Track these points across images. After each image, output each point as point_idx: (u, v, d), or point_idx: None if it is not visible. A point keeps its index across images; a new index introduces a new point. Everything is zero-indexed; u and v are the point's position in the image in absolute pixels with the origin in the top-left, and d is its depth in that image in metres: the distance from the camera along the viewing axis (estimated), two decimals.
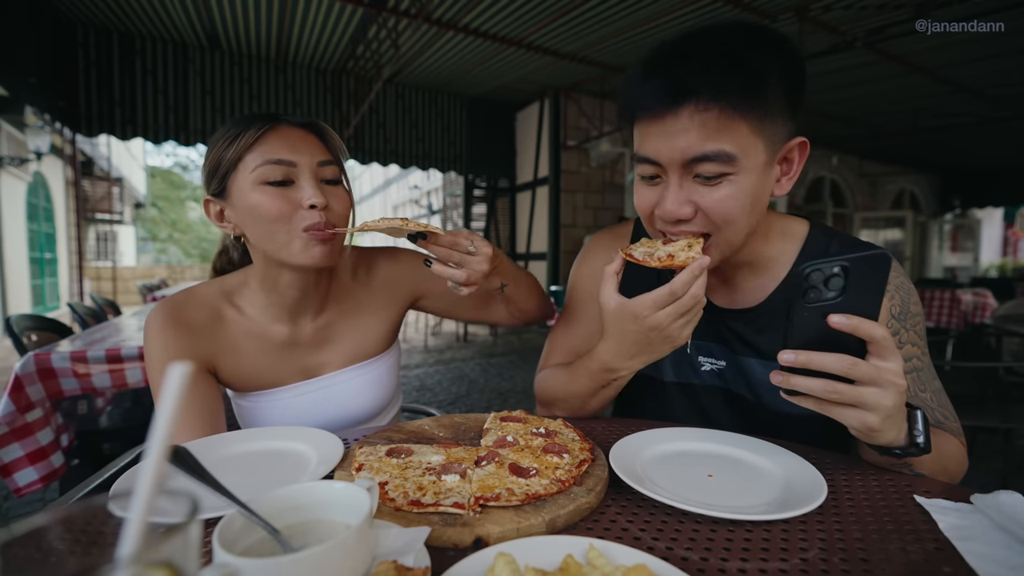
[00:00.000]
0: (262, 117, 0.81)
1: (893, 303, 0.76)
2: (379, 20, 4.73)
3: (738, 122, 0.65)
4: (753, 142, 0.67)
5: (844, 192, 10.67)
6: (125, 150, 13.14)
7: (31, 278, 8.36)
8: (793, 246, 0.82)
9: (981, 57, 5.40)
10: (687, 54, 0.67)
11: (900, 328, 0.76)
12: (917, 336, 0.77)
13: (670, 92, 0.66)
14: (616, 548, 0.44)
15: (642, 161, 0.71)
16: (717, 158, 0.65)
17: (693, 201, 0.68)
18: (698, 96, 0.64)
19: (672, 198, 0.69)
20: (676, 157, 0.67)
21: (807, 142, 0.73)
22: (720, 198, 0.67)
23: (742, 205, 0.68)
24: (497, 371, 5.19)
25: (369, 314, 0.98)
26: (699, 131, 0.65)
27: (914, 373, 0.75)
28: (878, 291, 0.66)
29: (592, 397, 0.84)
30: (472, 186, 8.34)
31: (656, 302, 0.67)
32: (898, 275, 0.78)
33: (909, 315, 0.77)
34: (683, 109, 0.65)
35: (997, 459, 2.83)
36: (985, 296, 4.95)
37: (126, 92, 5.36)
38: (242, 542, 0.41)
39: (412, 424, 0.82)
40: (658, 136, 0.68)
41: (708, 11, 4.49)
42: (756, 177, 0.68)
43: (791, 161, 0.74)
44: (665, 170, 0.69)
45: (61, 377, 1.66)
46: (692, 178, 0.68)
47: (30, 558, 0.28)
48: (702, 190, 0.68)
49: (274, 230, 0.78)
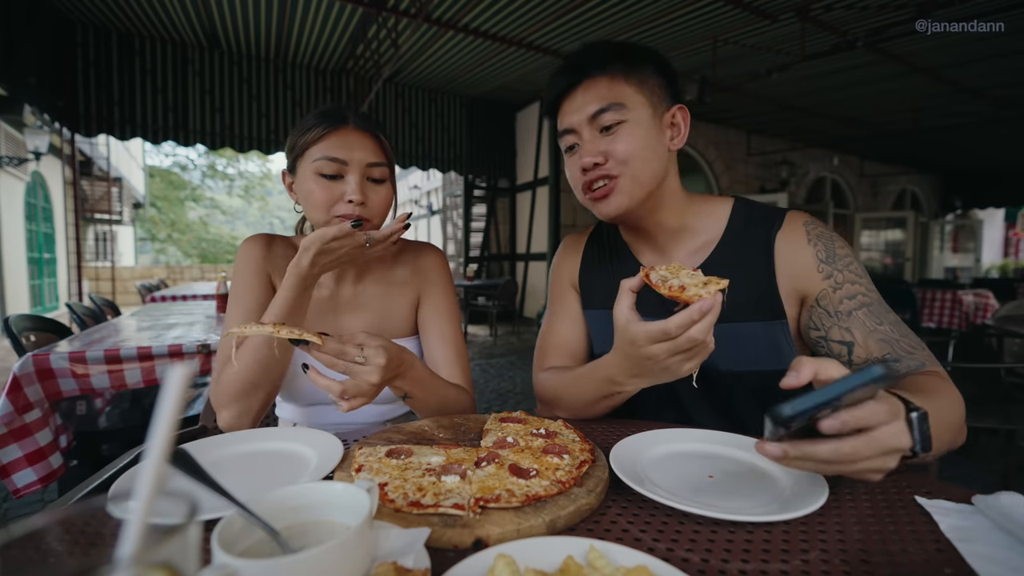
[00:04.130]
0: (333, 115, 0.92)
1: (817, 249, 0.84)
2: (379, 20, 4.73)
3: (622, 84, 0.85)
4: (637, 98, 0.85)
5: (845, 192, 10.68)
6: (124, 150, 13.13)
7: (30, 278, 8.36)
8: (720, 217, 0.94)
9: (982, 57, 5.41)
10: (580, 54, 0.89)
11: (832, 270, 0.82)
12: (855, 274, 0.82)
13: (572, 74, 0.87)
14: (617, 549, 0.44)
15: (563, 134, 0.89)
16: (610, 108, 0.84)
17: (602, 150, 0.85)
18: (591, 73, 0.86)
19: (587, 149, 0.86)
20: (583, 117, 0.86)
21: (686, 107, 0.90)
22: (622, 142, 0.84)
23: (640, 147, 0.84)
24: (497, 372, 5.19)
25: (398, 293, 1.06)
26: (595, 94, 0.85)
27: (863, 309, 0.79)
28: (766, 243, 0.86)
29: (596, 404, 0.84)
30: (472, 186, 8.34)
31: (649, 336, 0.65)
32: (814, 226, 0.87)
33: (837, 257, 0.83)
34: (584, 84, 0.86)
35: (998, 460, 2.83)
36: (986, 297, 4.94)
37: (125, 92, 5.35)
38: (241, 543, 0.40)
39: (412, 425, 0.82)
40: (569, 110, 0.88)
41: (708, 11, 4.49)
42: (646, 128, 0.85)
43: (677, 125, 0.90)
44: (579, 134, 0.87)
45: (60, 378, 1.66)
46: (599, 132, 0.86)
47: (29, 559, 0.28)
48: (606, 140, 0.85)
49: (317, 213, 0.91)
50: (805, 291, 0.84)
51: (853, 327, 0.79)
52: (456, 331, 1.06)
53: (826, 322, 0.81)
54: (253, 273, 0.96)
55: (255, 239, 1.00)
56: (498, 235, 8.46)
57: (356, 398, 0.73)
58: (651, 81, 0.86)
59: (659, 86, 0.87)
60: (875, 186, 11.22)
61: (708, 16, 4.59)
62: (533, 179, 7.55)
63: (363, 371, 0.72)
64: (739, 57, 5.45)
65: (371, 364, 0.72)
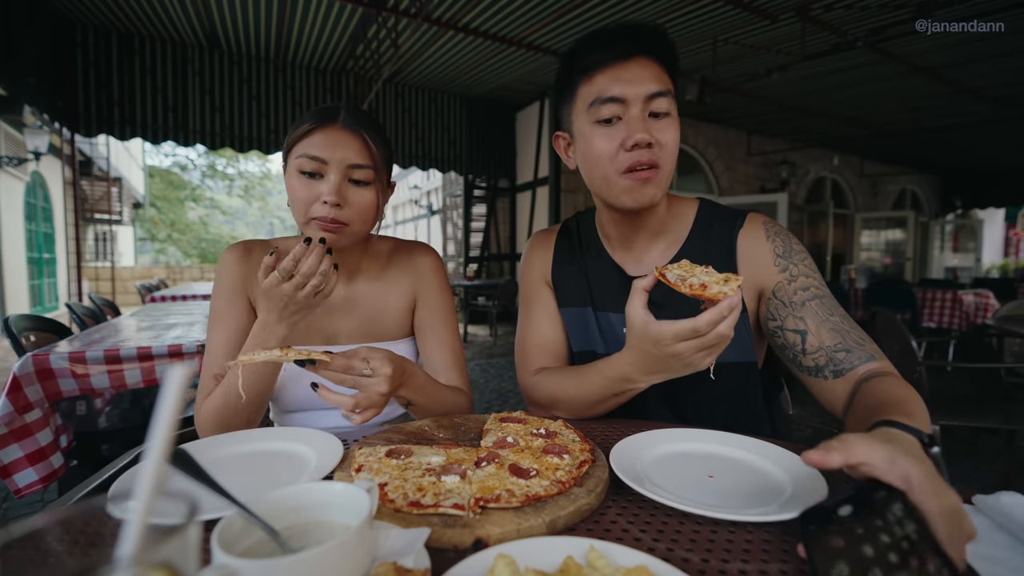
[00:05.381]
0: (324, 113, 0.90)
1: (775, 245, 0.88)
2: (379, 20, 4.72)
3: (667, 79, 0.85)
4: (672, 96, 0.85)
5: (845, 192, 10.67)
6: (124, 150, 13.13)
7: (29, 278, 8.36)
8: (687, 218, 0.96)
9: (982, 57, 5.41)
10: (633, 27, 0.86)
11: (788, 264, 0.86)
12: (809, 269, 0.87)
13: (631, 44, 0.83)
14: (617, 549, 0.44)
15: (606, 101, 0.83)
16: (666, 94, 0.83)
17: (654, 135, 0.82)
18: (647, 52, 0.83)
19: (639, 126, 0.82)
20: (641, 92, 0.82)
21: None
22: (669, 133, 0.84)
23: (675, 144, 0.85)
24: (497, 371, 5.19)
25: (392, 295, 1.04)
26: (652, 75, 0.83)
27: (816, 300, 0.83)
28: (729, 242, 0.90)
29: (603, 402, 0.85)
30: (472, 186, 8.33)
31: (678, 335, 0.66)
32: (772, 225, 0.91)
33: (793, 252, 0.87)
34: (638, 59, 0.83)
35: (999, 460, 2.83)
36: (987, 297, 4.93)
37: (125, 92, 5.35)
38: (241, 543, 0.40)
39: (412, 425, 0.82)
40: (623, 79, 0.83)
41: (708, 11, 4.48)
42: (678, 125, 0.86)
43: None
44: (627, 107, 0.83)
45: (60, 378, 1.66)
46: (648, 115, 0.83)
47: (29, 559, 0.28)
48: (657, 126, 0.83)
49: (295, 210, 0.90)
50: (763, 284, 0.88)
51: (807, 316, 0.83)
52: (454, 335, 1.06)
53: (781, 312, 0.85)
54: (230, 291, 0.95)
55: (232, 250, 0.98)
56: (498, 235, 8.46)
57: (367, 410, 0.74)
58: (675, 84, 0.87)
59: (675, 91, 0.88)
60: (875, 186, 11.21)
61: (708, 16, 4.58)
62: (533, 179, 7.55)
63: (372, 383, 0.73)
64: (739, 57, 5.45)
65: (379, 375, 0.74)
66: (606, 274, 0.99)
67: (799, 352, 0.83)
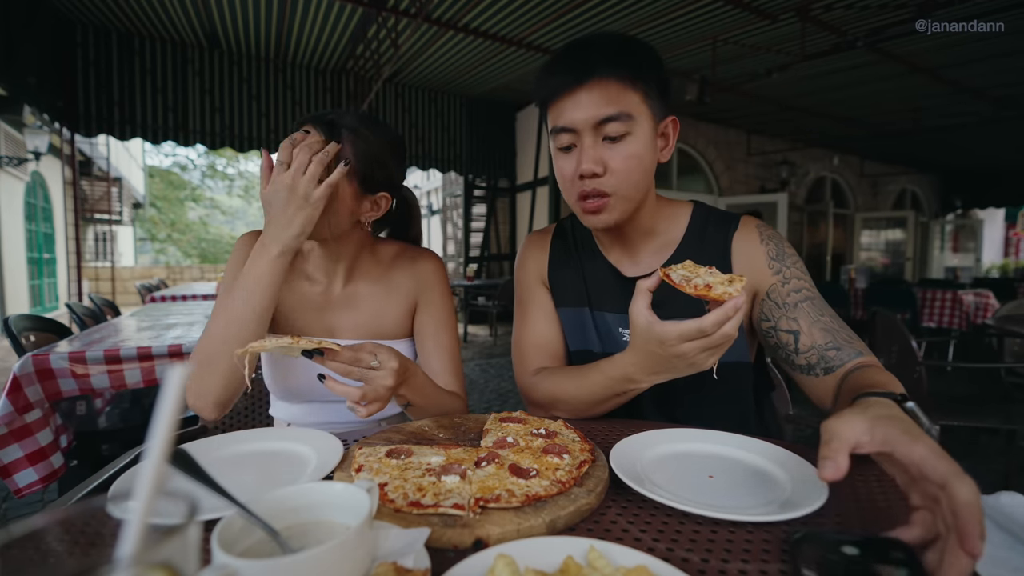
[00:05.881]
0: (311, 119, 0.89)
1: (768, 248, 0.90)
2: (379, 20, 4.72)
3: (630, 92, 0.81)
4: (642, 110, 0.82)
5: (845, 192, 10.67)
6: (124, 150, 13.12)
7: (29, 278, 8.36)
8: (681, 220, 0.97)
9: (982, 57, 5.40)
10: (588, 46, 0.83)
11: (781, 267, 0.88)
12: (800, 271, 0.89)
13: (579, 70, 0.81)
14: (617, 549, 0.44)
15: (560, 131, 0.84)
16: (619, 118, 0.80)
17: (603, 160, 0.82)
18: (600, 73, 0.80)
19: (587, 155, 0.82)
20: (589, 119, 0.81)
21: (677, 119, 0.89)
22: (625, 156, 0.82)
23: (639, 164, 0.83)
24: (497, 371, 5.19)
25: (394, 296, 1.05)
26: (604, 97, 0.80)
27: (807, 301, 0.86)
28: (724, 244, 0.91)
29: (604, 402, 0.85)
30: (472, 186, 8.33)
31: (683, 335, 0.66)
32: (765, 229, 0.93)
33: (786, 255, 0.89)
34: (589, 83, 0.81)
35: (999, 460, 2.83)
36: (987, 297, 4.93)
37: (125, 92, 5.34)
38: (241, 543, 0.40)
39: (412, 425, 0.82)
40: (572, 107, 0.82)
41: (708, 11, 4.48)
42: (647, 142, 0.84)
43: (667, 136, 0.89)
44: (579, 136, 0.83)
45: (60, 378, 1.66)
46: (601, 140, 0.82)
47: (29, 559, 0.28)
48: (610, 151, 0.82)
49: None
50: (757, 286, 0.90)
51: (799, 317, 0.85)
52: (453, 340, 1.08)
53: (775, 313, 0.87)
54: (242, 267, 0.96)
55: (251, 235, 1.00)
56: (498, 235, 8.46)
57: (373, 403, 0.76)
58: (654, 90, 0.84)
59: (659, 96, 0.85)
60: (875, 186, 11.21)
61: (708, 16, 4.58)
62: (533, 179, 7.55)
63: (378, 376, 0.75)
64: (739, 57, 5.44)
65: (385, 368, 0.75)
66: (602, 275, 0.99)
67: (792, 352, 0.85)
